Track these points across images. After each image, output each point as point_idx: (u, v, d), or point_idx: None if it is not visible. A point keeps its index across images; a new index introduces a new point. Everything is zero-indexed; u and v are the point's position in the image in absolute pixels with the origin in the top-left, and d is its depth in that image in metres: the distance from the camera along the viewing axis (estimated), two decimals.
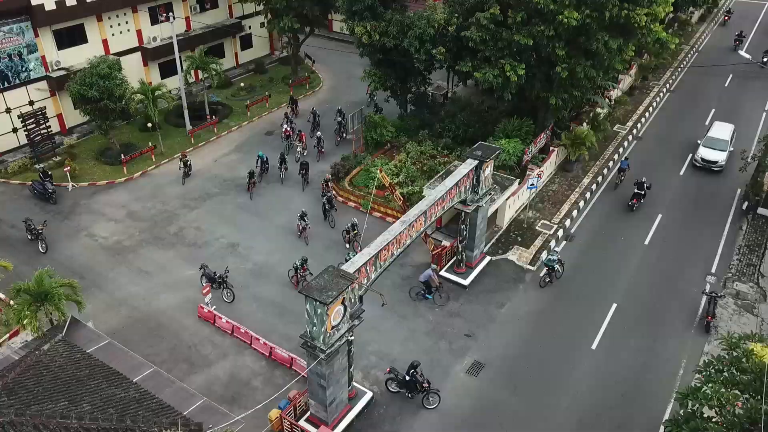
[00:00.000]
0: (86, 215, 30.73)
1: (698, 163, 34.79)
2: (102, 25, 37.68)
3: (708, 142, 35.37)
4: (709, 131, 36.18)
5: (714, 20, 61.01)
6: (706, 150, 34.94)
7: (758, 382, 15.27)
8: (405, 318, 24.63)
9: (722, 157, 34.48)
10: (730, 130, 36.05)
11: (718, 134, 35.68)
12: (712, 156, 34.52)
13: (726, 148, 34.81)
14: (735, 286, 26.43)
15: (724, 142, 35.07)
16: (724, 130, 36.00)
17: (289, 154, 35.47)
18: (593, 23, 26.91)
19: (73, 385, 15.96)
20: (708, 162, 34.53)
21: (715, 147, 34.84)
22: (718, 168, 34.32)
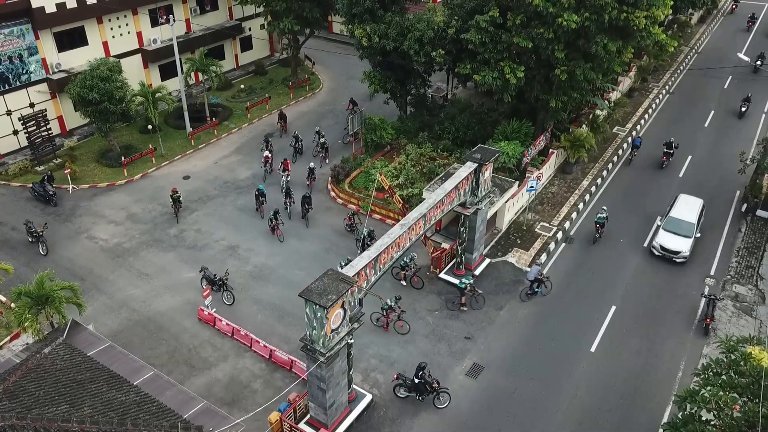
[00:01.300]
0: (87, 217, 30.80)
1: (656, 252, 28.01)
2: (102, 27, 37.75)
3: (670, 224, 28.34)
4: (672, 209, 29.20)
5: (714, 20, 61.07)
6: (666, 236, 28.03)
7: (756, 385, 15.36)
8: (404, 321, 24.65)
9: (686, 246, 27.42)
10: (698, 207, 29.18)
11: (683, 214, 28.66)
12: (674, 244, 27.58)
13: (692, 233, 27.79)
14: (734, 289, 26.49)
15: (689, 226, 28.00)
16: (690, 209, 29.00)
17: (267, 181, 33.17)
18: (592, 26, 26.95)
19: (74, 388, 16.01)
20: (668, 252, 27.64)
21: (679, 231, 27.90)
22: (681, 259, 27.50)
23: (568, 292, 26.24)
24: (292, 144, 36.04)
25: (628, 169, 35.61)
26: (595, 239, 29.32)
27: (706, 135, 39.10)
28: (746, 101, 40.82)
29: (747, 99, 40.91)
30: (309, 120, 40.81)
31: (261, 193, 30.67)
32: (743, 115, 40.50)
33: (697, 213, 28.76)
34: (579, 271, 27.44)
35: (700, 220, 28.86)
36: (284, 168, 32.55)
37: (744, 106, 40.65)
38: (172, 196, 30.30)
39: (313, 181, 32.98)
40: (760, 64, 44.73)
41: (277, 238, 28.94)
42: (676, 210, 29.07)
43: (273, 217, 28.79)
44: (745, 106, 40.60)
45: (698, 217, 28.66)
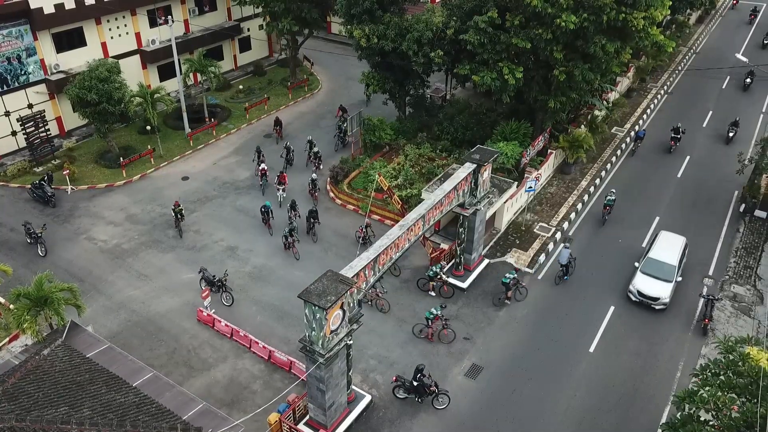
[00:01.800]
0: (85, 218, 30.79)
1: (633, 297, 25.46)
2: (101, 28, 37.73)
3: (649, 267, 25.77)
4: (651, 248, 26.67)
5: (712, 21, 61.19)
6: (644, 280, 25.38)
7: (754, 385, 15.39)
8: (404, 321, 24.70)
9: (666, 292, 24.87)
10: (680, 246, 26.52)
11: (663, 254, 26.04)
12: (652, 289, 24.97)
13: (672, 277, 25.20)
14: (732, 289, 26.54)
15: (670, 269, 25.43)
16: (671, 248, 26.36)
17: (266, 195, 32.03)
18: (591, 26, 27.00)
19: (73, 390, 16.03)
20: (646, 298, 25.09)
21: (658, 275, 25.30)
22: (660, 306, 25.01)
23: (567, 293, 26.27)
24: (283, 155, 34.74)
25: (632, 160, 36.74)
26: (603, 221, 30.54)
27: (705, 135, 39.16)
28: (734, 126, 38.12)
29: (735, 123, 38.21)
30: (308, 121, 40.83)
31: (267, 209, 29.27)
32: (730, 140, 37.83)
33: (678, 253, 26.12)
34: (577, 271, 27.45)
35: (683, 260, 26.36)
36: (280, 181, 31.53)
37: (732, 131, 38.02)
38: (174, 210, 29.30)
39: (317, 192, 31.85)
40: (750, 82, 44.38)
41: (293, 255, 27.82)
42: (655, 250, 26.38)
43: (288, 234, 27.70)
44: (733, 131, 37.98)
45: (680, 257, 26.06)
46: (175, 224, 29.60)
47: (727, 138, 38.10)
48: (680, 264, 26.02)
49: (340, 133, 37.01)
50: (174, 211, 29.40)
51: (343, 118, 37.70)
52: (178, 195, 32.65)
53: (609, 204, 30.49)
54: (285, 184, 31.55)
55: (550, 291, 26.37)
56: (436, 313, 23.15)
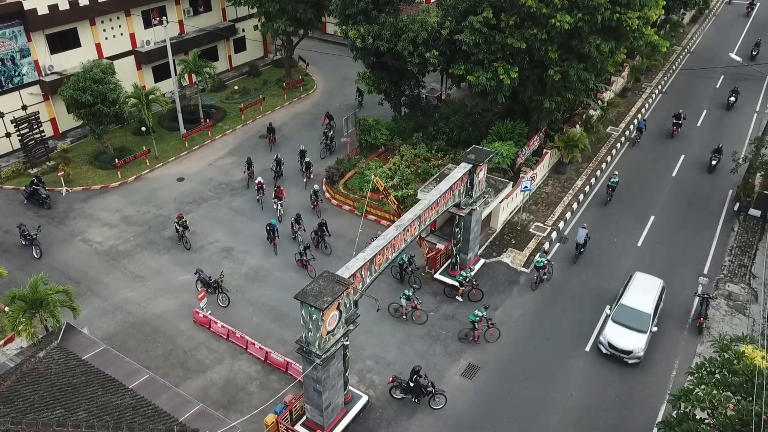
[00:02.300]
0: (80, 220, 30.69)
1: (604, 350, 23.06)
2: (95, 29, 37.61)
3: (621, 314, 23.37)
4: (625, 292, 24.30)
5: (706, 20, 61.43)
6: (615, 330, 22.95)
7: (750, 383, 15.46)
8: (400, 321, 24.72)
9: (640, 344, 22.46)
10: (656, 290, 24.12)
11: (637, 300, 23.62)
12: (625, 341, 22.55)
13: (647, 326, 22.85)
14: (727, 287, 26.66)
15: (644, 318, 23.04)
16: (646, 293, 23.96)
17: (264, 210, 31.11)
18: (585, 26, 27.08)
19: (69, 392, 15.98)
20: (618, 351, 22.62)
21: (631, 324, 22.90)
22: (633, 360, 22.61)
23: (563, 292, 26.32)
24: (273, 168, 33.42)
25: (634, 150, 37.81)
26: (606, 201, 32.04)
27: (699, 134, 39.31)
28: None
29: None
30: (303, 121, 40.81)
31: (273, 228, 27.97)
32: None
33: (654, 299, 23.73)
34: (573, 270, 27.52)
35: (659, 306, 24.03)
36: (277, 195, 30.46)
37: (732, 97, 41.26)
38: (178, 223, 28.48)
39: (319, 203, 31.13)
40: (734, 101, 41.93)
41: (308, 273, 26.64)
42: (629, 296, 23.96)
43: (302, 252, 26.65)
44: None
45: (656, 303, 23.69)
46: (179, 237, 28.76)
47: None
48: (656, 311, 23.65)
49: (327, 140, 36.51)
50: (178, 224, 28.53)
51: (329, 125, 37.13)
52: (173, 196, 32.66)
53: (612, 186, 31.94)
54: (283, 198, 30.53)
55: (545, 291, 26.41)
56: (481, 315, 23.16)
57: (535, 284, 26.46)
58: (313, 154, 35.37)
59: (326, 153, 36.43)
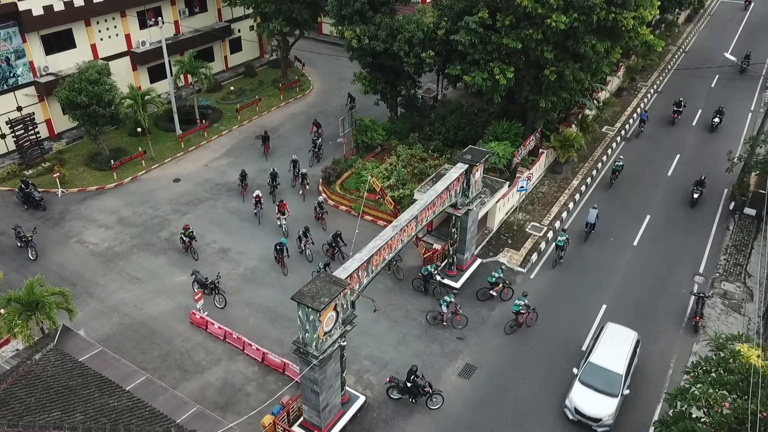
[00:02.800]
0: (76, 221, 30.61)
1: (570, 415, 20.60)
2: (90, 29, 37.51)
3: (589, 375, 20.80)
4: (594, 348, 21.64)
5: (701, 19, 61.63)
6: (583, 393, 20.50)
7: (745, 382, 15.54)
8: (397, 322, 24.74)
9: (609, 410, 20.04)
10: (630, 345, 21.58)
11: (608, 358, 21.03)
12: (593, 406, 20.11)
13: (618, 390, 20.39)
14: (722, 286, 26.76)
15: (615, 379, 20.54)
16: (618, 348, 21.42)
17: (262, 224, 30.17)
18: (581, 26, 27.13)
19: (66, 394, 15.93)
20: (585, 417, 20.19)
21: (600, 387, 20.43)
22: (603, 429, 20.16)
23: (560, 291, 26.38)
24: (269, 182, 32.31)
25: (638, 141, 38.98)
26: (610, 184, 33.59)
27: (694, 133, 39.44)
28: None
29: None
30: (299, 122, 40.77)
31: (283, 247, 26.89)
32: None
33: (627, 356, 21.09)
34: (570, 269, 27.58)
35: (633, 363, 21.41)
36: (281, 210, 29.28)
37: (717, 118, 39.04)
38: (185, 233, 27.75)
39: (324, 214, 30.31)
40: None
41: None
42: (598, 353, 21.27)
43: (322, 269, 25.31)
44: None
45: (629, 361, 21.04)
46: (185, 249, 28.12)
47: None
48: (629, 369, 21.03)
49: (315, 148, 35.79)
50: (184, 234, 27.80)
51: (317, 133, 36.47)
52: (169, 197, 32.59)
53: (617, 169, 33.54)
54: (287, 212, 29.36)
55: (542, 290, 26.46)
56: (521, 304, 23.81)
57: (555, 263, 27.75)
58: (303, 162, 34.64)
59: (314, 161, 35.54)
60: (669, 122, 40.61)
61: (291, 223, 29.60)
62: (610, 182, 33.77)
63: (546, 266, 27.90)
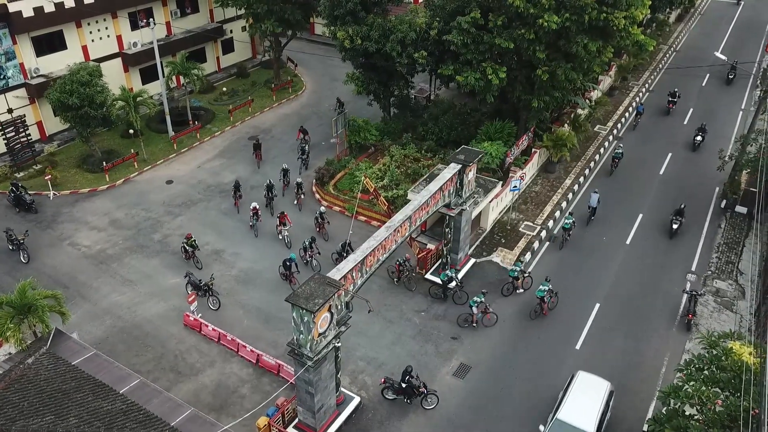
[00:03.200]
0: (68, 224, 30.46)
1: None
2: (81, 31, 37.33)
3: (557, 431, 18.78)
4: (563, 402, 19.63)
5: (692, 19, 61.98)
6: None
7: (737, 379, 15.63)
8: (391, 322, 24.75)
9: None
10: (602, 398, 19.63)
11: (577, 413, 19.10)
12: None
13: None
14: (714, 284, 26.92)
15: None
16: (589, 402, 19.47)
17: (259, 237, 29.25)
18: (573, 26, 27.25)
19: (59, 398, 15.87)
20: None
21: None
22: None
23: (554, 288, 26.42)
24: (265, 194, 31.17)
25: (635, 133, 40.20)
26: (611, 171, 34.96)
27: (686, 133, 39.63)
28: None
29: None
30: (292, 123, 40.69)
31: (292, 262, 25.96)
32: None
33: (598, 411, 19.14)
34: (563, 269, 27.68)
35: (606, 417, 19.53)
36: (282, 221, 28.55)
37: (699, 136, 37.19)
38: (187, 243, 27.17)
39: (326, 224, 29.51)
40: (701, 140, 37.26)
41: None
42: (567, 408, 19.23)
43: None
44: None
45: (601, 415, 19.14)
46: (188, 257, 27.50)
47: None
48: (601, 425, 19.13)
49: (303, 155, 34.94)
50: (187, 243, 27.20)
51: (304, 140, 35.92)
52: (162, 199, 32.47)
53: (617, 157, 34.83)
54: (289, 223, 28.54)
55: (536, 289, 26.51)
56: (546, 289, 24.49)
57: (561, 244, 28.68)
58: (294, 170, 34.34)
59: (303, 168, 34.74)
60: (664, 113, 42.08)
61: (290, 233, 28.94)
62: (611, 170, 35.03)
63: (540, 264, 27.96)
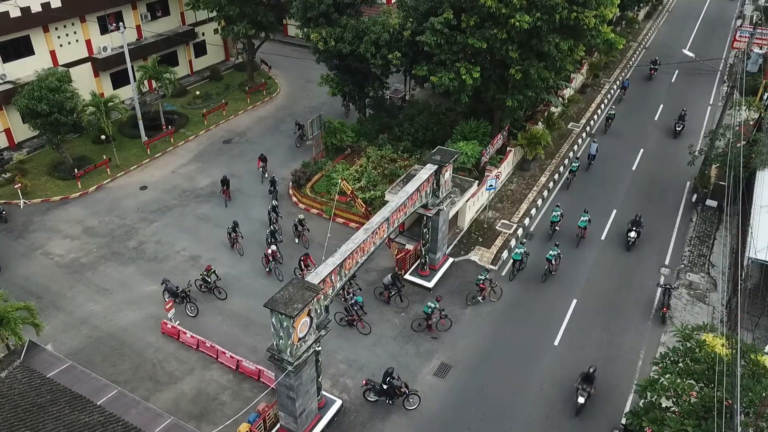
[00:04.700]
0: (40, 233, 29.88)
1: None
2: (49, 36, 36.63)
3: None
4: None
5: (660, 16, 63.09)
6: None
7: (711, 371, 15.99)
8: (372, 324, 24.74)
9: None
10: None
11: None
12: None
13: None
14: (687, 277, 27.46)
15: None
16: None
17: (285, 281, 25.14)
18: (544, 26, 27.56)
19: (35, 412, 15.57)
20: None
21: None
22: None
23: (530, 288, 26.72)
24: (268, 239, 28.13)
25: (621, 105, 43.71)
26: (605, 131, 39.14)
27: (657, 128, 40.37)
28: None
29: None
30: (267, 125, 40.52)
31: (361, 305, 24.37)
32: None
33: None
34: (540, 266, 27.94)
35: None
36: (305, 263, 26.24)
37: (679, 126, 38.54)
38: (207, 274, 25.50)
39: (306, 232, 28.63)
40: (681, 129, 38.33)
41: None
42: None
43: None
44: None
45: None
46: (210, 290, 25.81)
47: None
48: None
49: (271, 187, 31.79)
50: (206, 276, 25.60)
51: (264, 168, 33.64)
52: (136, 205, 32.04)
53: (610, 117, 39.05)
54: (313, 265, 25.72)
55: (513, 287, 26.78)
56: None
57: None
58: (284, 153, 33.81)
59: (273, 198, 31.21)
60: (646, 78, 46.90)
61: None
62: (605, 129, 39.19)
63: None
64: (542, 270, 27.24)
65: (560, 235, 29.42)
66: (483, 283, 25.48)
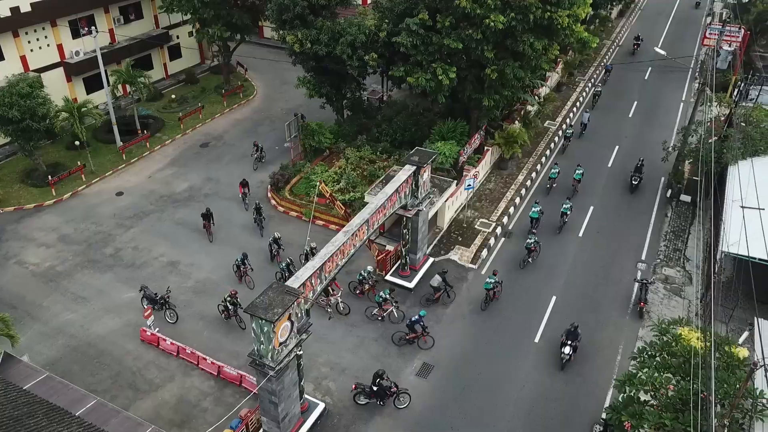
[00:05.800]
0: (14, 242, 29.34)
1: None
2: (19, 40, 36.00)
3: None
4: None
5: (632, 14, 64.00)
6: None
7: (687, 364, 16.27)
8: (353, 326, 24.76)
9: None
10: None
11: None
12: None
13: None
14: (663, 271, 27.90)
15: None
16: None
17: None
18: (519, 26, 27.78)
19: (11, 426, 15.27)
20: None
21: None
22: None
23: (510, 285, 26.89)
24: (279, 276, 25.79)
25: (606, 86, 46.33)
26: (592, 106, 42.93)
27: (632, 125, 40.95)
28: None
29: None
30: (244, 128, 40.27)
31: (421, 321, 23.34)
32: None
33: None
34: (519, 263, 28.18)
35: None
36: (329, 291, 24.94)
37: (635, 179, 33.35)
38: (230, 301, 24.11)
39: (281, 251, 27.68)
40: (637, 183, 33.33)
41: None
42: None
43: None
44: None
45: None
46: (228, 316, 24.54)
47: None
48: None
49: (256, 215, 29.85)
50: (229, 302, 24.16)
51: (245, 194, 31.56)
52: (112, 211, 31.61)
53: (597, 94, 43.56)
54: (339, 289, 25.39)
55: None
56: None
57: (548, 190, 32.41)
58: None
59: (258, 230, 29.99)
60: (629, 53, 51.52)
61: None
62: (592, 105, 42.92)
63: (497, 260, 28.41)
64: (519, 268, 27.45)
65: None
66: (534, 246, 27.39)
